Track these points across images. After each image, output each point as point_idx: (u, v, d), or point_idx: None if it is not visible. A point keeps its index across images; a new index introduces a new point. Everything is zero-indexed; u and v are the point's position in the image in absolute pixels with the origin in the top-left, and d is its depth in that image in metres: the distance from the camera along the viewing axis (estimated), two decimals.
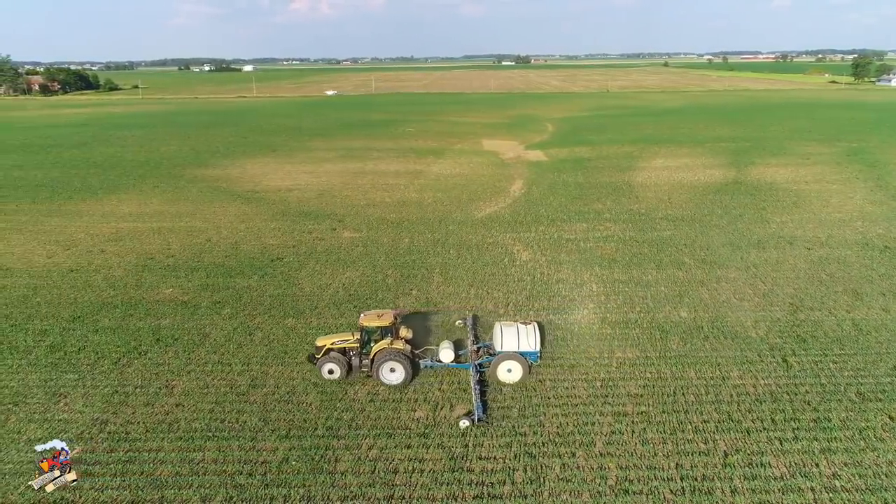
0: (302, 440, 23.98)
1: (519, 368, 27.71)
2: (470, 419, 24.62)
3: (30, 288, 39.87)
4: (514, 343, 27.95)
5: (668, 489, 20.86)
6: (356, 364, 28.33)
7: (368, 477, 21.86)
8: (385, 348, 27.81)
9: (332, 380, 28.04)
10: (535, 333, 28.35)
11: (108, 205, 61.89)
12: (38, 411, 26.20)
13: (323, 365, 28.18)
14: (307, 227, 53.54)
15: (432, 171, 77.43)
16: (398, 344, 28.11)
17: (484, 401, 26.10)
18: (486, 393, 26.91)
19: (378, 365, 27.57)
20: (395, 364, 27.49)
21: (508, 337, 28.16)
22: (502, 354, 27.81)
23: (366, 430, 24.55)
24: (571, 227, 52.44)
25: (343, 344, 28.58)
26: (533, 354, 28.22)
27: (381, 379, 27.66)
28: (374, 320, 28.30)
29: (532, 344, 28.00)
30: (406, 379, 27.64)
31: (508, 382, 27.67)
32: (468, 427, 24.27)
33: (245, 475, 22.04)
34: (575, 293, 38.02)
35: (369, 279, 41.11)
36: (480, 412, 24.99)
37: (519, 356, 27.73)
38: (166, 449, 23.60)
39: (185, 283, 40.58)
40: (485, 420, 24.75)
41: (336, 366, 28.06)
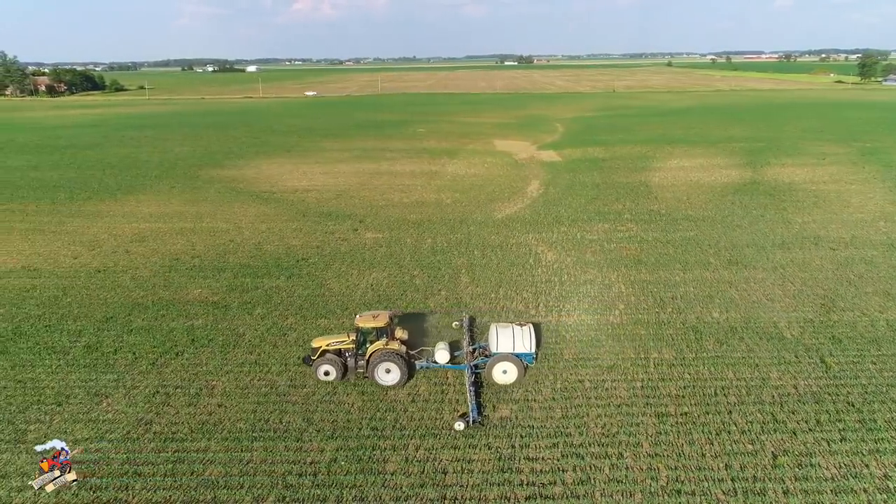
0: (348, 440, 24.05)
1: (514, 370, 27.76)
2: (465, 421, 24.67)
3: (59, 289, 40.01)
4: (510, 344, 28.00)
5: (720, 490, 20.88)
6: (352, 365, 28.37)
7: (418, 478, 21.91)
8: (380, 349, 27.85)
9: (328, 381, 28.04)
10: (531, 335, 28.40)
11: (127, 205, 62.07)
12: (82, 412, 26.30)
13: (318, 366, 28.22)
14: (329, 227, 53.64)
15: (447, 172, 77.50)
16: (394, 345, 28.15)
17: (479, 402, 26.18)
18: (480, 394, 26.98)
19: (373, 366, 27.59)
20: (390, 365, 27.53)
21: (504, 338, 28.21)
22: (497, 356, 27.84)
23: (410, 431, 24.61)
24: (593, 227, 52.45)
25: (339, 345, 28.61)
26: (528, 356, 28.28)
27: (377, 380, 27.68)
28: (370, 321, 28.37)
29: (527, 345, 28.05)
30: (401, 380, 27.66)
31: (503, 384, 27.69)
32: (464, 429, 24.33)
33: (295, 475, 22.11)
34: (604, 294, 38.04)
35: (396, 280, 41.19)
36: (475, 414, 25.04)
37: (514, 357, 27.79)
38: (213, 449, 23.68)
39: (213, 284, 40.69)
40: (479, 422, 24.79)
41: (331, 367, 28.08)
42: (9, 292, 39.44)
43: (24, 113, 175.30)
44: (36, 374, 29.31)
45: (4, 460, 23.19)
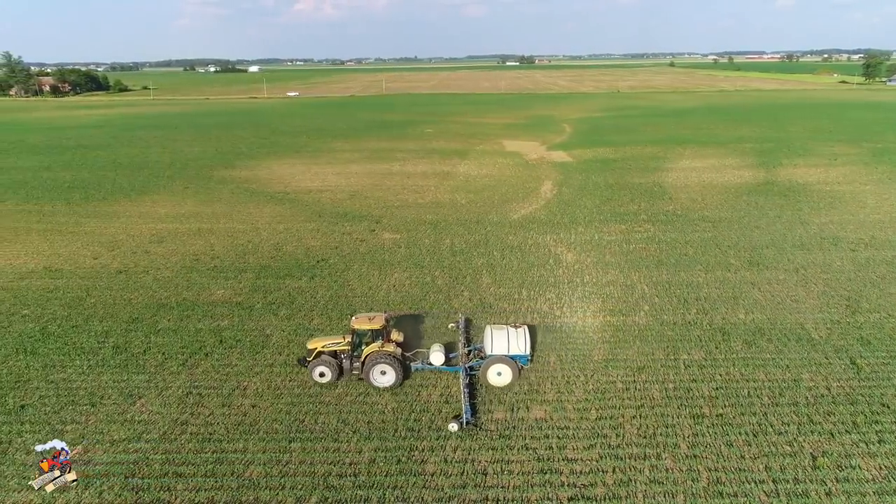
0: (385, 441, 24.11)
1: (508, 372, 27.80)
2: (459, 423, 24.73)
3: (82, 289, 40.09)
4: (504, 346, 28.07)
5: (762, 491, 20.92)
6: (347, 367, 28.45)
7: (459, 478, 21.96)
8: (376, 351, 27.92)
9: (323, 383, 28.07)
10: (525, 337, 28.47)
11: (142, 206, 62.17)
12: (117, 412, 26.37)
13: (314, 368, 28.27)
14: (345, 228, 53.71)
15: (459, 173, 77.55)
16: (389, 347, 28.22)
17: (473, 404, 26.26)
18: (475, 396, 27.05)
19: (369, 367, 27.67)
20: (385, 367, 27.62)
21: (498, 340, 28.28)
22: (492, 358, 27.90)
23: (446, 432, 24.65)
24: (610, 228, 52.49)
25: (334, 347, 28.70)
26: (523, 358, 28.33)
27: (372, 381, 27.75)
28: (366, 323, 28.44)
29: (522, 347, 28.11)
30: (396, 382, 27.72)
31: (498, 386, 27.72)
32: (458, 430, 24.41)
33: (336, 476, 22.17)
34: (628, 295, 38.08)
35: (418, 280, 41.24)
36: (469, 415, 25.11)
37: (509, 360, 27.83)
38: (252, 450, 23.74)
39: (235, 285, 40.76)
40: (473, 423, 24.85)
41: (327, 368, 28.15)
42: (32, 293, 39.54)
43: (31, 113, 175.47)
44: (67, 375, 29.39)
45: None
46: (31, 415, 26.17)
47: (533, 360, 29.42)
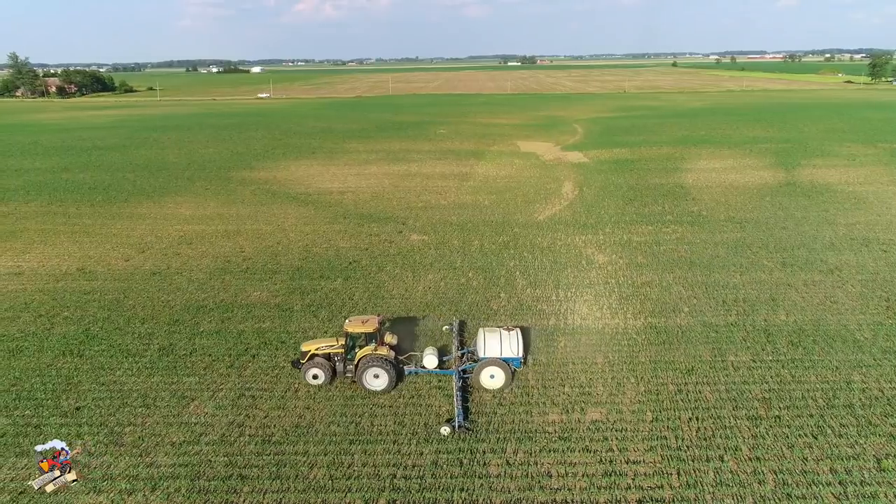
0: (444, 444, 24.15)
1: (501, 374, 27.84)
2: (451, 426, 24.78)
3: (119, 291, 40.18)
4: (497, 349, 28.09)
5: (831, 494, 20.96)
6: (340, 370, 28.53)
7: (524, 481, 22.00)
8: (369, 354, 27.98)
9: (316, 385, 28.18)
10: (518, 339, 28.52)
11: (165, 207, 62.27)
12: (171, 414, 26.45)
13: (307, 370, 28.34)
14: (372, 229, 53.77)
15: (478, 174, 77.60)
16: (382, 350, 28.27)
17: (466, 407, 26.32)
18: (468, 399, 27.09)
19: (362, 371, 27.73)
20: (378, 370, 27.65)
21: (491, 343, 28.31)
22: (485, 360, 27.93)
23: (504, 434, 24.71)
24: (637, 229, 52.53)
25: (328, 349, 28.76)
26: (516, 360, 28.35)
27: (365, 385, 27.79)
28: (359, 326, 28.49)
29: (515, 350, 28.15)
30: (390, 385, 27.73)
31: (491, 388, 27.78)
32: (450, 434, 24.47)
33: (401, 478, 22.23)
34: (665, 296, 38.12)
35: (452, 282, 41.29)
36: (461, 419, 25.16)
37: (502, 362, 27.87)
38: (313, 452, 23.80)
39: (270, 287, 40.83)
40: (465, 427, 24.89)
41: (320, 371, 28.22)
42: (70, 295, 39.63)
43: (40, 115, 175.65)
44: (117, 377, 29.47)
45: (107, 463, 23.31)
46: (87, 417, 26.25)
47: (526, 362, 29.35)
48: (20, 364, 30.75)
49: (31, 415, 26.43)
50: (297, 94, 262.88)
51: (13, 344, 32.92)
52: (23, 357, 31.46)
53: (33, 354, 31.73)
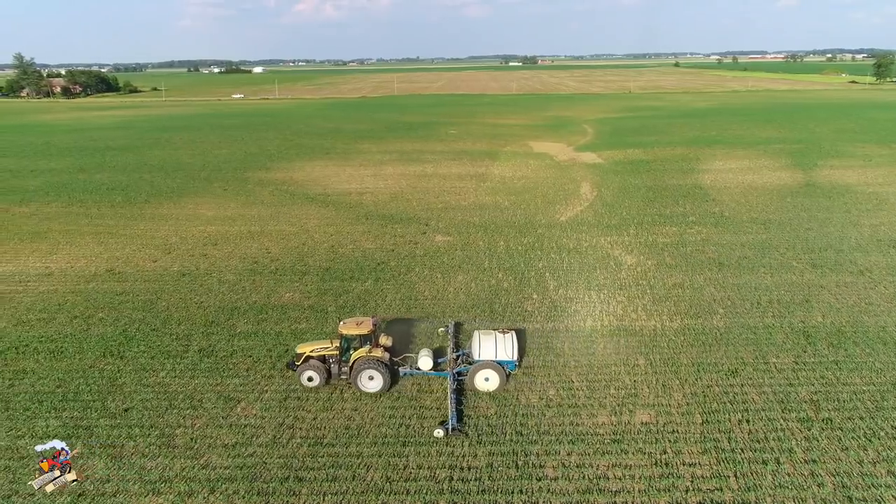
0: (498, 445, 24.19)
1: (496, 377, 27.90)
2: (444, 428, 24.83)
3: (151, 292, 40.21)
4: (492, 352, 28.17)
5: (891, 496, 21.00)
6: (335, 371, 28.60)
7: (582, 483, 22.05)
8: (363, 356, 28.04)
9: (312, 387, 28.28)
10: (513, 342, 28.60)
11: (185, 208, 62.29)
12: (220, 416, 26.50)
13: (302, 372, 28.43)
14: (395, 230, 53.79)
15: (494, 175, 77.62)
16: (377, 352, 28.33)
17: (459, 409, 26.38)
18: (462, 402, 27.14)
19: (357, 373, 27.82)
20: (373, 372, 27.75)
21: (486, 346, 28.39)
22: (480, 363, 27.99)
23: (555, 436, 24.75)
24: (661, 230, 52.55)
25: (323, 351, 28.85)
26: (510, 363, 28.40)
27: (360, 386, 27.89)
28: (354, 328, 28.57)
29: (509, 353, 28.24)
30: (384, 387, 27.83)
31: (485, 391, 27.82)
32: (443, 436, 24.55)
33: (458, 480, 22.27)
34: (698, 297, 38.15)
35: (483, 283, 41.32)
36: (454, 421, 25.23)
37: (496, 365, 27.92)
38: (366, 454, 23.84)
39: (301, 288, 40.86)
40: (459, 429, 24.93)
41: (315, 373, 28.32)
42: (102, 296, 39.67)
43: (47, 115, 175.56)
44: (160, 379, 29.51)
45: (164, 465, 23.35)
46: (136, 418, 26.30)
47: (521, 365, 29.50)
48: (62, 365, 30.79)
49: (80, 416, 26.48)
50: (301, 95, 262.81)
51: (53, 345, 32.97)
52: (64, 358, 31.50)
53: (74, 356, 31.77)
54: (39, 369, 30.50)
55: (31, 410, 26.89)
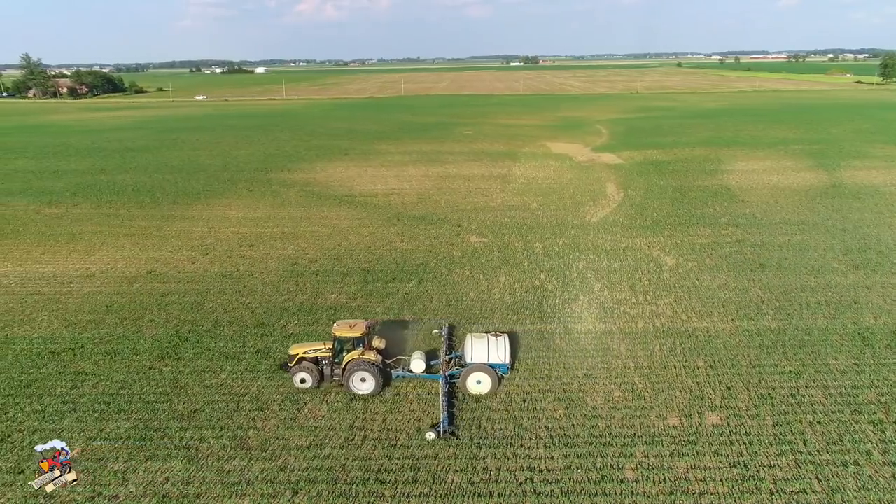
0: (572, 448, 24.22)
1: (488, 380, 27.91)
2: (436, 431, 24.87)
3: (196, 294, 40.23)
4: (484, 355, 28.18)
5: None
6: (328, 373, 28.65)
7: (663, 485, 22.07)
8: (356, 358, 28.10)
9: (304, 388, 28.33)
10: (506, 345, 28.63)
11: (215, 209, 62.30)
12: (289, 418, 26.53)
13: (295, 374, 28.48)
14: (429, 231, 53.81)
15: (517, 175, 77.63)
16: (370, 354, 28.37)
17: (451, 412, 26.43)
18: (454, 404, 27.17)
19: (349, 375, 27.86)
20: (365, 374, 27.79)
21: (478, 348, 28.40)
22: (472, 366, 28.02)
23: (627, 438, 24.77)
24: (696, 231, 52.57)
25: (316, 353, 28.90)
26: (503, 366, 28.42)
27: (352, 389, 27.92)
28: (347, 330, 28.60)
29: (502, 356, 28.25)
30: (376, 389, 27.86)
31: (477, 394, 27.84)
32: (435, 439, 24.58)
33: (539, 482, 22.30)
34: (745, 299, 38.16)
35: (527, 284, 41.35)
36: (446, 424, 25.26)
37: (488, 368, 27.95)
38: (443, 456, 23.86)
39: (345, 289, 40.87)
40: (451, 432, 24.96)
41: (308, 375, 28.38)
42: (147, 297, 39.70)
43: (56, 115, 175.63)
44: (222, 380, 29.53)
45: (240, 467, 23.38)
46: (206, 420, 26.33)
47: (513, 367, 29.55)
48: (121, 367, 30.82)
49: (150, 418, 26.51)
50: (308, 95, 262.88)
51: (108, 347, 33.00)
52: (122, 360, 31.52)
53: (131, 357, 31.80)
54: (98, 371, 30.53)
55: (99, 412, 26.92)
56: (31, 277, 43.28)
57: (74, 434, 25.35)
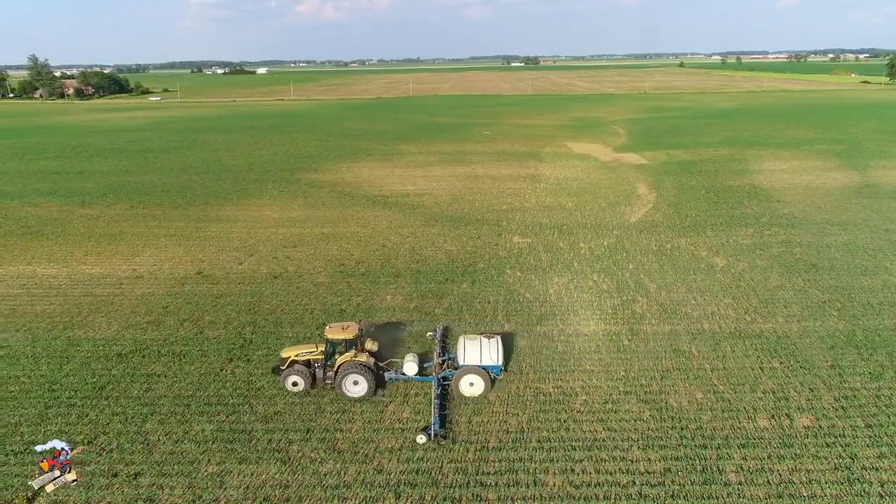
0: (669, 450, 23.98)
1: (480, 382, 27.73)
2: (427, 434, 24.67)
3: (250, 295, 39.98)
4: (477, 357, 27.99)
5: None
6: (320, 376, 28.42)
7: (769, 488, 21.83)
8: (348, 361, 27.88)
9: (296, 391, 28.07)
10: (498, 347, 28.47)
11: (249, 210, 62.05)
12: (374, 419, 26.32)
13: (287, 377, 28.24)
14: (470, 232, 53.58)
15: (545, 175, 77.45)
16: (362, 357, 28.16)
17: (443, 415, 26.21)
18: (446, 407, 26.96)
19: (341, 377, 27.63)
20: (357, 377, 27.55)
21: (471, 350, 28.22)
22: (465, 368, 27.83)
23: (721, 440, 24.52)
24: (738, 231, 52.37)
25: (308, 356, 28.65)
26: (496, 368, 28.25)
27: (344, 391, 27.69)
28: (339, 333, 28.40)
29: (494, 358, 28.07)
30: (369, 392, 27.64)
31: (470, 396, 27.64)
32: (426, 442, 24.38)
33: (642, 485, 22.06)
34: (805, 299, 37.97)
35: (581, 285, 41.12)
36: (437, 426, 25.07)
37: (481, 370, 27.77)
38: (538, 459, 23.61)
39: (400, 290, 40.63)
40: (441, 435, 24.75)
41: (299, 378, 28.13)
42: (202, 298, 39.44)
43: (68, 116, 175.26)
44: None
45: (336, 470, 23.13)
46: (290, 422, 26.10)
47: (506, 369, 29.42)
48: (192, 369, 30.56)
49: (233, 420, 26.27)
50: (314, 95, 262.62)
51: (173, 348, 32.75)
52: (191, 362, 31.26)
53: (199, 359, 31.55)
54: (169, 373, 30.28)
55: (181, 415, 26.67)
56: (80, 279, 43.00)
57: (161, 436, 25.10)
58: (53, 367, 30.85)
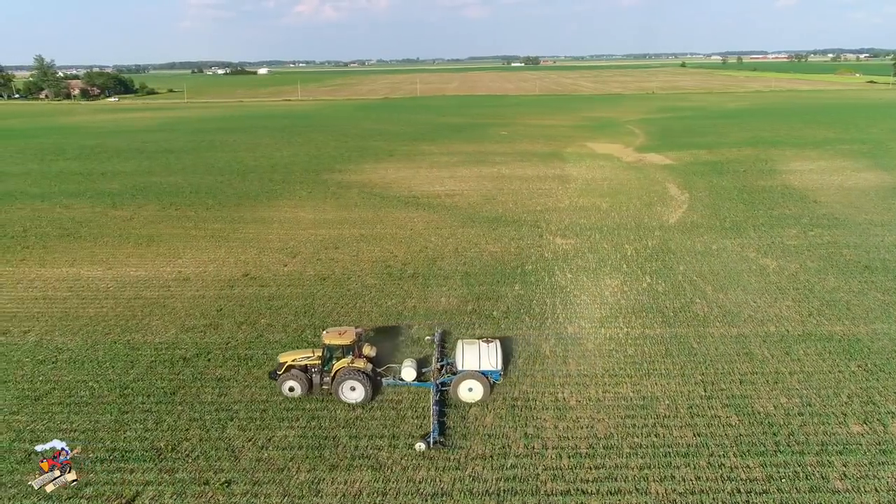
0: (767, 457, 23.53)
1: (480, 387, 27.31)
2: (426, 442, 24.24)
3: (301, 297, 39.51)
4: (476, 362, 27.55)
5: None
6: (317, 382, 28.05)
7: (879, 495, 21.41)
8: (345, 367, 27.54)
9: (293, 397, 27.70)
10: (497, 352, 28.05)
11: (282, 211, 61.56)
12: (458, 425, 25.84)
13: (283, 382, 27.90)
14: (509, 233, 53.15)
15: (573, 176, 77.07)
16: (359, 362, 27.83)
17: (441, 421, 25.74)
18: (444, 413, 26.52)
19: (338, 383, 27.29)
20: (354, 383, 27.21)
21: (470, 355, 27.80)
22: (463, 373, 27.41)
23: (816, 446, 24.06)
24: (782, 232, 51.97)
25: (305, 361, 28.31)
26: (495, 373, 27.82)
27: (341, 397, 27.34)
28: (336, 338, 28.07)
29: (493, 363, 27.64)
30: (366, 397, 27.30)
31: (469, 402, 27.24)
32: (424, 450, 23.93)
33: (745, 493, 21.62)
34: (866, 302, 37.57)
35: (635, 287, 40.70)
36: (436, 434, 24.65)
37: (480, 375, 27.35)
38: (635, 465, 23.15)
39: (451, 293, 40.18)
40: (441, 442, 24.35)
41: (296, 383, 27.79)
42: (253, 301, 38.97)
43: (76, 117, 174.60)
44: None
45: (431, 478, 22.67)
46: (374, 428, 25.61)
47: (505, 374, 28.98)
48: (260, 372, 30.03)
49: (315, 426, 25.81)
50: (320, 96, 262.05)
51: (236, 352, 32.30)
52: (258, 366, 30.77)
53: (265, 362, 31.00)
54: (238, 377, 29.82)
55: (261, 420, 26.20)
56: (127, 281, 42.49)
57: (244, 443, 24.63)
58: (119, 371, 30.38)
